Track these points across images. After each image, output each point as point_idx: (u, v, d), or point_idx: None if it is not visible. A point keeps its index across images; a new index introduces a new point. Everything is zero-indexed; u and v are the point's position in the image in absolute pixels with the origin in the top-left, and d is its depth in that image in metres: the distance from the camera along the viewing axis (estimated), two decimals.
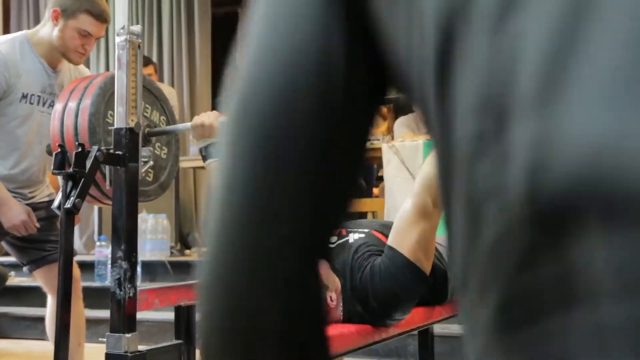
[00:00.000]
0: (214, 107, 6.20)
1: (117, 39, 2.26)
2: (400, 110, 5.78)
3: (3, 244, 2.70)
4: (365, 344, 2.03)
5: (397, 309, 2.03)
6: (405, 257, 1.96)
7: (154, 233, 4.92)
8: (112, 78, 2.32)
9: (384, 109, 6.52)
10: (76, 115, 2.33)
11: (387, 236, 2.12)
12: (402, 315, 2.07)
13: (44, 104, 2.59)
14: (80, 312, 2.75)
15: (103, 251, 4.73)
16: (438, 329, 2.87)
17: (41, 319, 4.48)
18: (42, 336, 4.43)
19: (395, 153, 4.46)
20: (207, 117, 2.33)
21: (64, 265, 2.10)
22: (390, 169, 4.48)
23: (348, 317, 2.03)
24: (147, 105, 2.43)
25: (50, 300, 2.76)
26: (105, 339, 2.15)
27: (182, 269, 4.84)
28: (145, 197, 2.43)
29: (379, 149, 4.75)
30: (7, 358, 4.13)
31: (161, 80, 5.80)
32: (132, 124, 2.23)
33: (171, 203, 5.48)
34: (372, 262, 2.01)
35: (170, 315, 3.69)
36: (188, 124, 2.41)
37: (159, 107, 2.52)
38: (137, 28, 2.32)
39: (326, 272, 1.80)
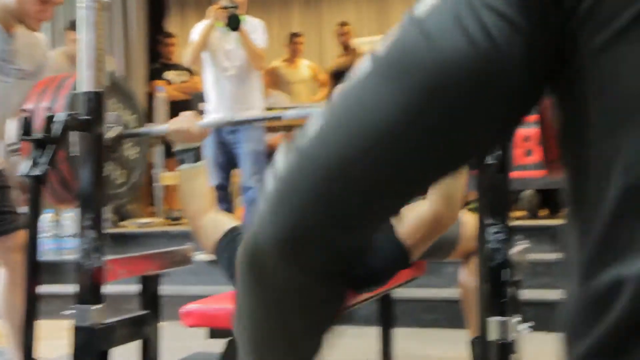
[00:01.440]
0: (150, 73, 6.03)
1: None
2: (339, 77, 5.78)
3: None
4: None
5: (377, 283, 2.05)
6: (402, 244, 1.96)
7: None
8: None
9: (323, 76, 6.50)
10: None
11: None
12: (376, 288, 2.10)
13: (1, 72, 2.47)
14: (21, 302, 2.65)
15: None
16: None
17: None
18: None
19: None
20: (186, 121, 2.22)
21: (31, 236, 2.01)
22: None
23: None
24: (118, 104, 2.33)
25: (3, 274, 2.63)
26: (69, 312, 2.09)
27: (119, 240, 4.73)
28: (118, 199, 2.32)
29: None
30: None
31: None
32: (98, 89, 2.15)
33: None
34: None
35: (122, 288, 3.62)
36: (165, 127, 2.30)
37: (129, 105, 2.41)
38: None
39: None
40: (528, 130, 3.75)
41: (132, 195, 2.43)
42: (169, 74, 5.83)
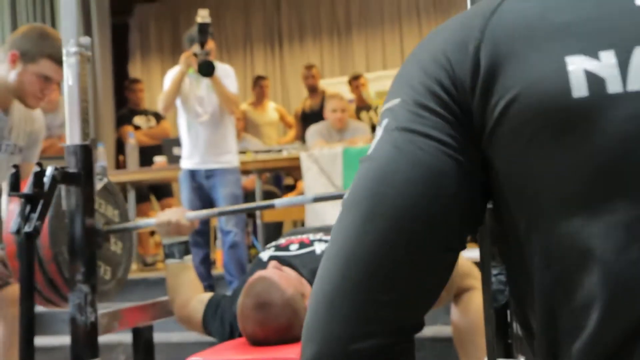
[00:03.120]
0: (118, 118, 6.00)
1: (66, 52, 2.17)
2: (308, 118, 5.82)
3: None
4: None
5: None
6: None
7: None
8: None
9: (290, 118, 6.55)
10: None
11: None
12: None
13: None
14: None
15: None
16: None
17: None
18: None
19: (315, 161, 4.49)
20: (173, 213, 2.24)
21: (25, 294, 1.97)
22: (310, 178, 4.51)
23: None
24: (100, 201, 2.30)
25: None
26: None
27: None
28: (105, 296, 2.27)
29: (292, 158, 4.78)
30: None
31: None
32: (85, 141, 2.14)
33: None
34: None
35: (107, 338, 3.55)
36: (152, 221, 2.31)
37: (112, 202, 2.39)
38: (86, 40, 2.22)
39: (299, 282, 1.81)
40: None
41: (119, 291, 2.40)
42: (137, 120, 5.81)
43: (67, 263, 2.10)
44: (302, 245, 2.16)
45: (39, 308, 4.32)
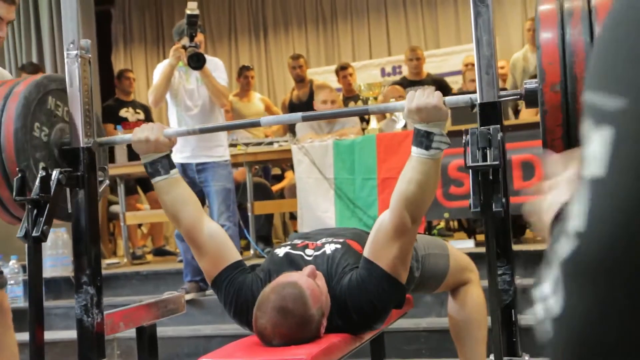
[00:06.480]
0: (103, 109, 5.97)
1: (67, 55, 2.17)
2: (295, 109, 5.83)
3: None
4: (348, 351, 2.07)
5: (377, 320, 2.08)
6: (384, 270, 1.97)
7: (54, 248, 4.68)
8: (37, 85, 2.12)
9: (276, 108, 6.55)
10: None
11: (362, 245, 2.15)
12: (381, 324, 2.12)
13: None
14: (13, 343, 2.60)
15: None
16: None
17: None
18: None
19: (306, 154, 4.51)
20: (150, 130, 2.10)
21: (34, 296, 1.98)
22: (302, 170, 4.53)
23: (329, 328, 2.04)
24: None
25: None
26: None
27: None
28: None
29: (283, 151, 4.79)
30: None
31: None
32: (88, 143, 2.15)
33: None
34: (349, 274, 2.01)
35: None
36: (128, 136, 2.18)
37: None
38: (86, 43, 2.23)
39: (326, 298, 1.81)
40: (526, 156, 3.84)
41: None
42: (124, 112, 5.78)
43: (35, 179, 2.02)
44: (316, 249, 2.17)
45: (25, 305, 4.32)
